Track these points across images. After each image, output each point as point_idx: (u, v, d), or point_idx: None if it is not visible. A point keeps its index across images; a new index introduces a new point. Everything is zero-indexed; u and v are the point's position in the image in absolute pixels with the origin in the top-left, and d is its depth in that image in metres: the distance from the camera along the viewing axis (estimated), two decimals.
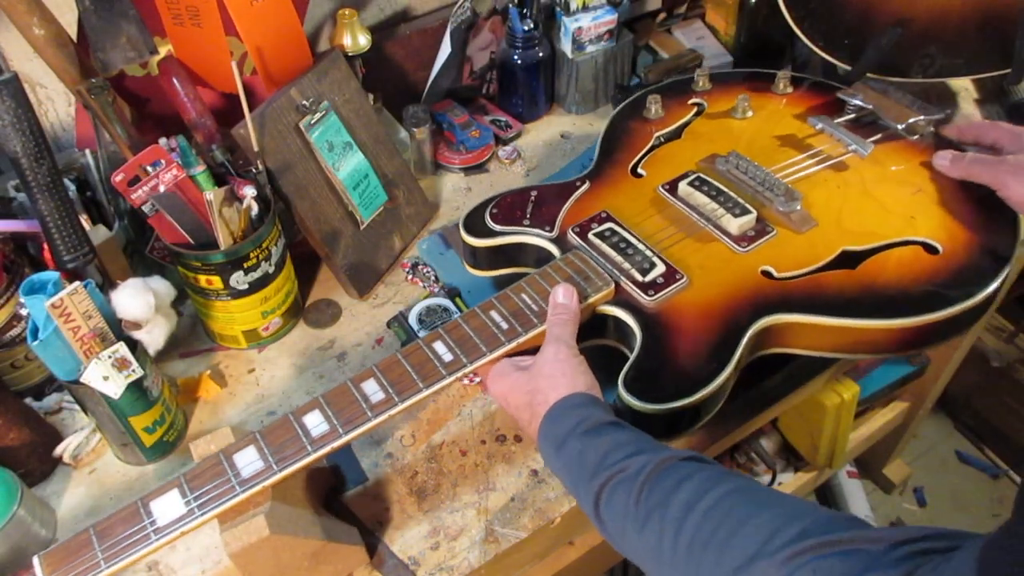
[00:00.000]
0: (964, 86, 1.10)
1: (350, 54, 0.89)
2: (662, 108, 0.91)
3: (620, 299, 0.71)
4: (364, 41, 0.90)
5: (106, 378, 0.64)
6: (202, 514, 0.54)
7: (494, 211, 0.80)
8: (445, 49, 0.99)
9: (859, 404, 1.27)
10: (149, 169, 0.69)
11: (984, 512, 1.66)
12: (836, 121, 0.88)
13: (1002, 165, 0.76)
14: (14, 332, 0.73)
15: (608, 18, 1.02)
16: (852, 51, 0.96)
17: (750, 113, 0.91)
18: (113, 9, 0.74)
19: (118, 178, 0.68)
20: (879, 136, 0.87)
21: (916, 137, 0.87)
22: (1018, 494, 0.43)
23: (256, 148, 0.76)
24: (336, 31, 0.90)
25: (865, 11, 0.96)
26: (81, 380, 0.64)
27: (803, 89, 0.95)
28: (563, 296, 0.67)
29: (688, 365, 0.66)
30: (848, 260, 0.74)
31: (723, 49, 1.13)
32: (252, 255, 0.75)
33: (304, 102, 0.81)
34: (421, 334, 0.79)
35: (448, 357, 0.63)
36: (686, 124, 0.91)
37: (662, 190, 0.82)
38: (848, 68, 0.97)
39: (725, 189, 0.79)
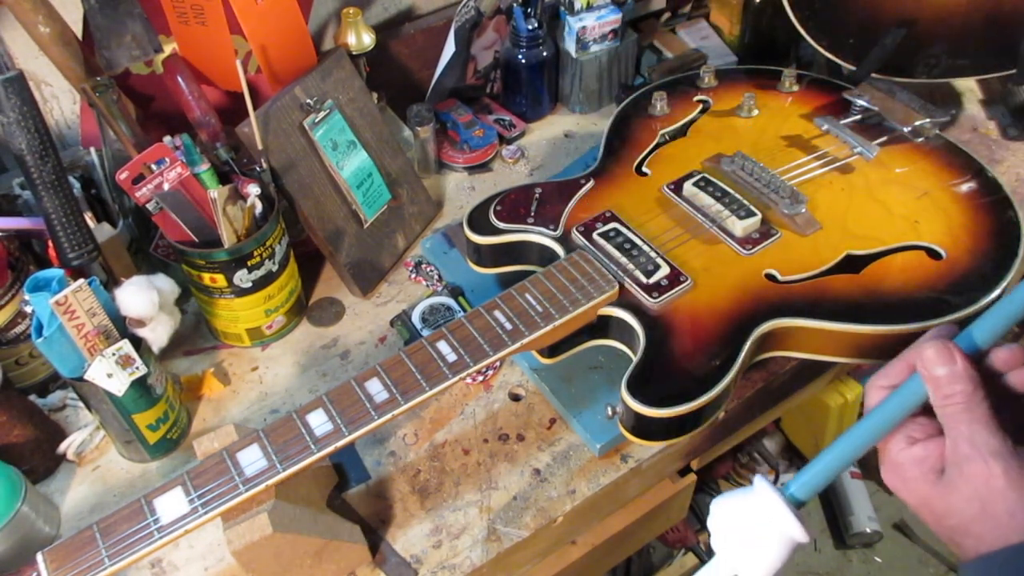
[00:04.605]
0: (969, 87, 1.10)
1: (354, 53, 0.89)
2: (667, 105, 0.91)
3: (624, 301, 0.71)
4: (368, 40, 0.90)
5: (110, 375, 0.64)
6: (205, 512, 0.54)
7: (498, 208, 0.79)
8: (449, 48, 0.99)
9: (862, 404, 1.27)
10: (153, 167, 0.69)
11: None
12: (842, 122, 0.88)
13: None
14: (19, 329, 0.73)
15: (612, 17, 1.02)
16: (857, 51, 0.96)
17: (756, 112, 0.91)
18: (118, 7, 0.74)
19: (122, 176, 0.68)
20: (885, 138, 0.86)
21: (921, 140, 0.87)
22: None
23: (260, 146, 0.76)
24: (340, 30, 0.90)
25: (870, 11, 0.95)
26: (85, 377, 0.64)
27: (809, 88, 0.95)
28: (940, 363, 0.46)
29: (692, 368, 0.66)
30: (852, 264, 0.74)
31: (727, 49, 1.13)
32: (256, 253, 0.75)
33: (308, 101, 0.81)
34: (424, 333, 0.79)
35: (452, 357, 0.63)
36: (691, 122, 0.91)
37: (667, 190, 0.82)
38: (853, 68, 0.97)
39: (730, 190, 0.79)
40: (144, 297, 0.67)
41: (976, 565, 0.44)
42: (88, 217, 0.77)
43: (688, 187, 0.81)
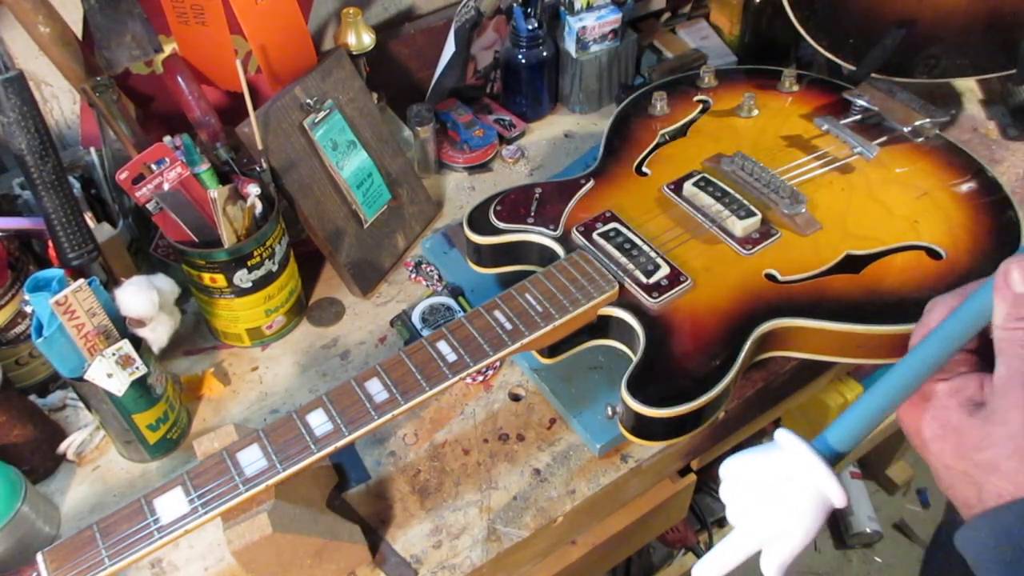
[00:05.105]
0: (969, 87, 1.10)
1: (354, 53, 0.89)
2: (667, 105, 0.91)
3: (624, 300, 0.71)
4: (368, 40, 0.90)
5: (110, 375, 0.64)
6: (205, 512, 0.54)
7: (498, 208, 0.79)
8: (449, 48, 0.99)
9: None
10: (153, 167, 0.69)
11: None
12: (842, 122, 0.88)
13: None
14: (19, 329, 0.73)
15: (612, 17, 1.02)
16: (856, 51, 0.96)
17: (756, 112, 0.91)
18: (118, 7, 0.74)
19: (122, 176, 0.68)
20: (884, 138, 0.87)
21: (921, 140, 0.87)
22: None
23: (260, 146, 0.76)
24: (340, 30, 0.90)
25: (869, 11, 0.95)
26: (85, 377, 0.64)
27: (809, 88, 0.95)
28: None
29: (692, 368, 0.66)
30: (852, 264, 0.74)
31: (727, 49, 1.13)
32: (256, 253, 0.75)
33: (308, 101, 0.81)
34: (424, 333, 0.80)
35: (452, 357, 0.63)
36: (691, 122, 0.91)
37: (667, 190, 0.82)
38: (853, 68, 0.97)
39: (730, 190, 0.79)
40: (144, 297, 0.67)
41: (998, 514, 0.41)
42: (88, 217, 0.77)
43: (688, 187, 0.81)
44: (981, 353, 0.47)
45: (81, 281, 0.62)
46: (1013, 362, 0.42)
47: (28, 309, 0.64)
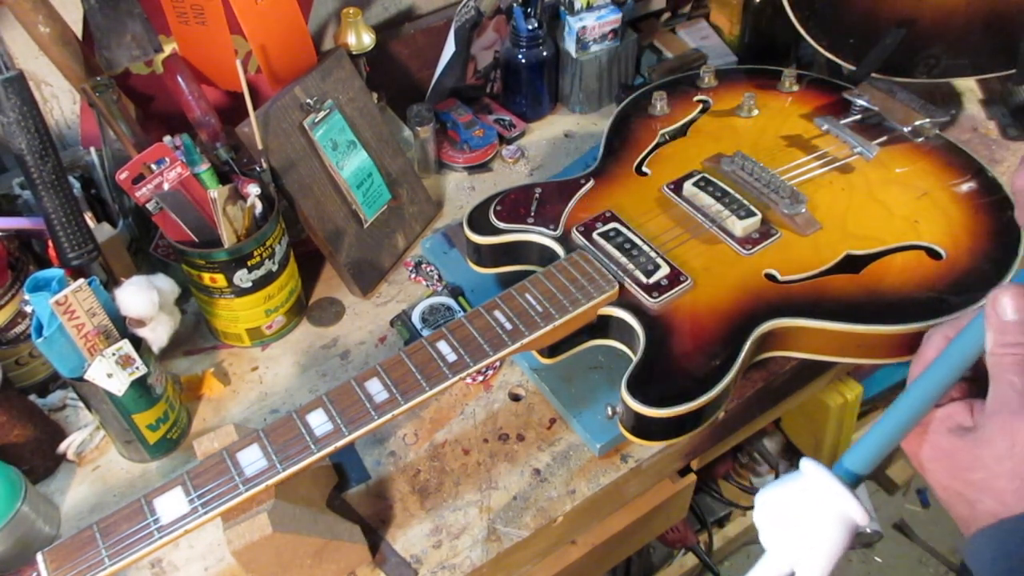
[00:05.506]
0: (969, 87, 1.10)
1: (354, 53, 0.89)
2: (667, 105, 0.91)
3: (624, 300, 0.71)
4: (368, 40, 0.90)
5: (110, 375, 0.64)
6: (205, 512, 0.54)
7: (498, 208, 0.80)
8: (449, 48, 0.99)
9: (862, 404, 1.27)
10: (153, 167, 0.69)
11: None
12: (842, 122, 0.88)
13: None
14: (19, 329, 0.73)
15: (612, 17, 1.02)
16: (856, 51, 0.96)
17: (756, 112, 0.91)
18: (118, 7, 0.74)
19: (122, 176, 0.68)
20: (884, 138, 0.87)
21: (921, 140, 0.87)
22: None
23: (260, 146, 0.76)
24: (340, 30, 0.90)
25: (870, 11, 0.95)
26: (85, 377, 0.64)
27: (809, 88, 0.95)
28: (1014, 309, 0.44)
29: (692, 368, 0.66)
30: (852, 264, 0.74)
31: (727, 49, 1.13)
32: (256, 253, 0.75)
33: (308, 101, 0.81)
34: (424, 333, 0.80)
35: (452, 357, 0.63)
36: (691, 121, 0.91)
37: (667, 190, 0.82)
38: (853, 68, 0.97)
39: (730, 190, 0.79)
40: (144, 297, 0.67)
41: (994, 532, 0.43)
42: (88, 217, 0.77)
43: (688, 187, 0.81)
44: (973, 380, 0.49)
45: (81, 281, 0.62)
46: (1000, 387, 0.45)
47: (28, 309, 0.64)
